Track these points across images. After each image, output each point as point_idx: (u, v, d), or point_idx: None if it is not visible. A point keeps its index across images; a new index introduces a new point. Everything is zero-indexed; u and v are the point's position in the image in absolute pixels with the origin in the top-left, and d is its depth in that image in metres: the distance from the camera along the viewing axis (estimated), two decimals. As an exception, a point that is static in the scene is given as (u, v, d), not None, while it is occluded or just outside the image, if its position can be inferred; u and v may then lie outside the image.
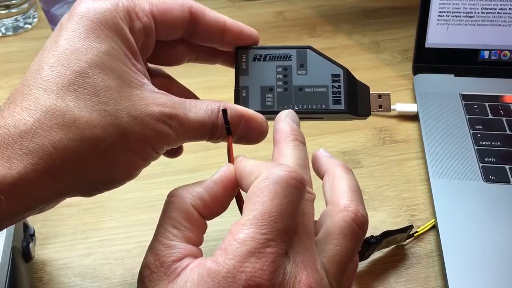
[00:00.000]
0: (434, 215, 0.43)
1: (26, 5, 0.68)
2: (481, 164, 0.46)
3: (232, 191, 0.30)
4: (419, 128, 0.52)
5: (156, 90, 0.30)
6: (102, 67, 0.27)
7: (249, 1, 0.72)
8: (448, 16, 0.55)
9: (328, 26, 0.67)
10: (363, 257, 0.40)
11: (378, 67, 0.61)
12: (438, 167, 0.46)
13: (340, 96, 0.33)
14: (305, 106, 0.33)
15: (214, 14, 0.33)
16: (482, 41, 0.56)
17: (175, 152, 0.37)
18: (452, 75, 0.56)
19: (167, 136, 0.29)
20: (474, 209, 0.43)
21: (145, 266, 0.27)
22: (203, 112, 0.30)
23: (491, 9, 0.54)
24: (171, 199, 0.30)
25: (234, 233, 0.25)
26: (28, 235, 0.40)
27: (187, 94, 0.36)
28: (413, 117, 0.54)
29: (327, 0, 0.72)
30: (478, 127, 0.50)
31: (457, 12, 0.55)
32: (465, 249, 0.40)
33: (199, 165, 0.50)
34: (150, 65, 0.35)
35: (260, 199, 0.25)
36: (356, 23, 0.68)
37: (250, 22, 0.35)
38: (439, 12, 0.55)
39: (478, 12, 0.55)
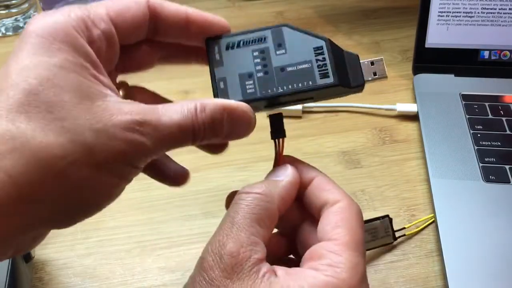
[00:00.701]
0: (434, 215, 0.43)
1: (26, 5, 0.68)
2: (481, 164, 0.46)
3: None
4: (419, 128, 0.52)
5: (122, 100, 0.27)
6: (54, 81, 0.25)
7: (249, 1, 0.72)
8: (448, 16, 0.55)
9: (328, 26, 0.67)
10: None
11: (378, 67, 0.61)
12: (438, 167, 0.46)
13: (326, 69, 0.30)
14: (290, 87, 0.30)
15: (174, 6, 0.30)
16: (482, 41, 0.56)
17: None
18: (452, 75, 0.56)
19: (140, 145, 0.26)
20: (474, 209, 0.43)
21: (228, 254, 0.26)
22: (179, 113, 0.27)
23: (491, 9, 0.54)
24: (259, 196, 0.29)
25: (340, 253, 0.27)
26: (28, 235, 0.40)
27: (163, 102, 0.34)
28: (413, 117, 0.54)
29: (327, 0, 0.72)
30: (478, 127, 0.50)
31: (457, 12, 0.55)
32: (465, 249, 0.40)
33: (199, 165, 0.50)
34: (130, 85, 0.33)
35: (356, 224, 0.29)
36: (356, 23, 0.68)
37: (250, 22, 0.35)
38: (439, 12, 0.55)
39: (478, 12, 0.55)
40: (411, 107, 0.54)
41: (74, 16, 0.27)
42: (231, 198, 0.30)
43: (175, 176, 0.34)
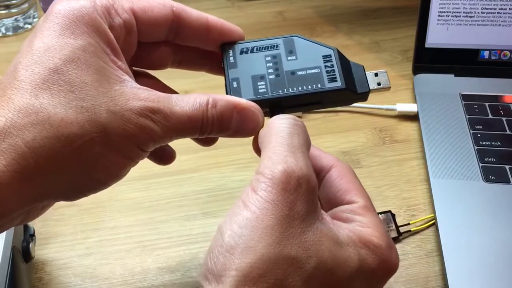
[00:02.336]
0: (434, 215, 0.43)
1: (26, 5, 0.68)
2: (481, 164, 0.46)
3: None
4: (419, 128, 0.52)
5: (138, 86, 0.28)
6: (78, 63, 0.26)
7: (249, 1, 0.72)
8: (448, 16, 0.55)
9: (328, 26, 0.67)
10: None
11: (378, 67, 0.60)
12: (438, 167, 0.46)
13: (335, 74, 0.32)
14: (300, 88, 0.32)
15: (196, 12, 0.32)
16: (482, 41, 0.56)
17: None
18: (452, 75, 0.56)
19: (151, 131, 0.27)
20: (474, 209, 0.43)
21: (314, 188, 0.26)
22: (191, 106, 0.28)
23: (491, 9, 0.54)
24: (301, 124, 0.29)
25: (364, 214, 0.29)
26: (28, 235, 0.40)
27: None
28: (413, 117, 0.54)
29: (327, 0, 0.72)
30: (478, 127, 0.50)
31: (457, 12, 0.55)
32: (465, 249, 0.40)
33: (199, 165, 0.50)
34: (134, 68, 0.34)
35: (359, 184, 0.31)
36: (356, 23, 0.68)
37: (250, 22, 0.35)
38: (439, 12, 0.55)
39: (478, 12, 0.55)
40: (411, 107, 0.54)
41: (99, 3, 0.29)
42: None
43: (165, 156, 0.36)
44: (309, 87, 0.32)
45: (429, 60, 0.57)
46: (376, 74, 0.34)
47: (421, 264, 0.41)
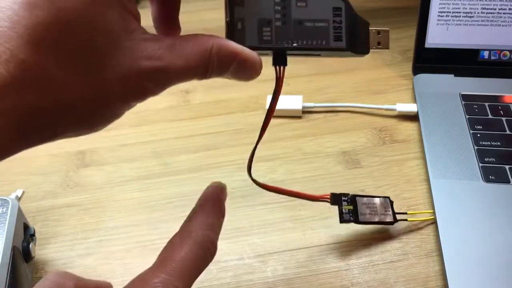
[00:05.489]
0: (434, 215, 0.43)
1: None
2: (481, 164, 0.46)
3: None
4: (419, 128, 0.52)
5: (145, 36, 0.26)
6: (88, 17, 0.24)
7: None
8: (448, 16, 0.55)
9: (328, 26, 0.67)
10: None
11: (378, 67, 0.61)
12: (438, 167, 0.46)
13: (341, 32, 0.31)
14: (304, 42, 0.30)
15: None
16: (482, 41, 0.56)
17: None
18: (452, 75, 0.56)
19: (149, 91, 0.27)
20: (474, 209, 0.43)
21: None
22: (194, 55, 0.27)
23: (491, 9, 0.54)
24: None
25: None
26: (28, 235, 0.40)
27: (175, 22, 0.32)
28: (413, 117, 0.54)
29: (327, 0, 0.72)
30: (478, 127, 0.50)
31: (457, 12, 0.55)
32: (465, 249, 0.40)
33: (199, 165, 0.50)
34: None
35: None
36: (356, 23, 0.68)
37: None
38: (439, 12, 0.55)
39: (478, 12, 0.55)
40: (411, 107, 0.54)
41: None
42: None
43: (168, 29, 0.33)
44: (314, 42, 0.30)
45: (429, 60, 0.57)
46: (378, 32, 0.32)
47: (421, 264, 0.41)
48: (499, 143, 0.48)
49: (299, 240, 0.43)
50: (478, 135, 0.49)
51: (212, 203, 0.31)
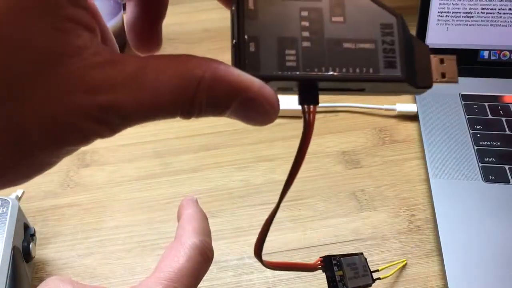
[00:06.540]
0: (433, 215, 0.43)
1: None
2: (480, 164, 0.46)
3: None
4: (419, 128, 0.52)
5: (96, 58, 0.19)
6: (6, 39, 0.17)
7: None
8: (448, 16, 0.55)
9: (328, 26, 0.67)
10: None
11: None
12: (438, 167, 0.46)
13: (394, 57, 0.22)
14: (344, 70, 0.22)
15: None
16: (482, 41, 0.56)
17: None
18: (452, 75, 0.56)
19: (94, 134, 0.19)
20: (474, 209, 0.43)
21: None
22: (171, 87, 0.19)
23: (490, 9, 0.54)
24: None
25: None
26: (28, 235, 0.40)
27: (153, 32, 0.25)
28: (413, 117, 0.54)
29: (327, 0, 0.72)
30: (478, 127, 0.50)
31: (457, 12, 0.55)
32: (465, 249, 0.40)
33: (199, 165, 0.50)
34: None
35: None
36: (356, 23, 0.68)
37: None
38: (439, 12, 0.55)
39: (477, 12, 0.55)
40: (411, 107, 0.54)
41: None
42: None
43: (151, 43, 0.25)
44: (357, 70, 0.22)
45: (429, 60, 0.57)
46: (442, 61, 0.24)
47: (421, 264, 0.41)
48: (499, 143, 0.48)
49: (299, 240, 0.43)
50: (478, 135, 0.49)
51: (196, 209, 0.31)
